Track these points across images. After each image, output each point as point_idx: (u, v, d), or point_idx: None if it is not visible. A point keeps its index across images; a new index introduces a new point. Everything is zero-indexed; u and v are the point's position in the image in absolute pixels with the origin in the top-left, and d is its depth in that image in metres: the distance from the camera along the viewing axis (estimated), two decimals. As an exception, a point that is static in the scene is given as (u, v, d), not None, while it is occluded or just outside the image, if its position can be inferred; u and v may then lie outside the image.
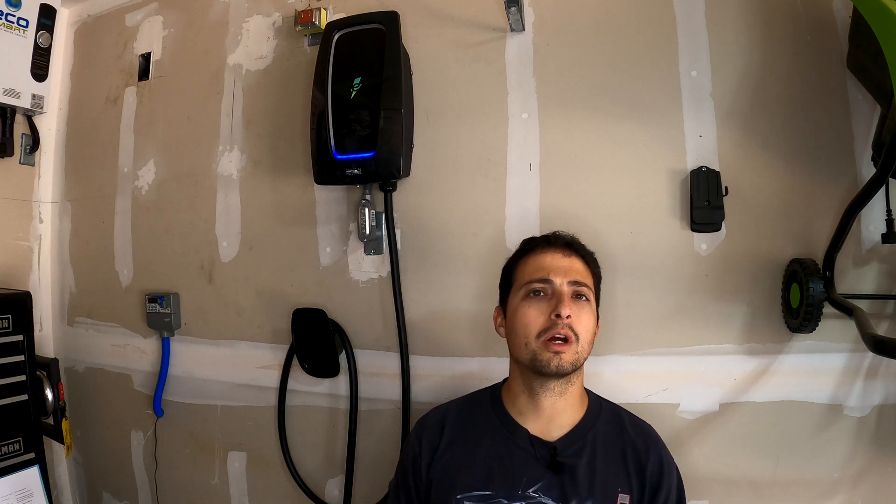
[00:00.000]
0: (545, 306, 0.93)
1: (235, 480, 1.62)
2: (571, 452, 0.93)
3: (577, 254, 0.99)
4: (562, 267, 0.95)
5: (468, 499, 0.93)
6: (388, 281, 1.40)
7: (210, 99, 1.67)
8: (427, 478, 1.00)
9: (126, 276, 1.79)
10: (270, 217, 1.57)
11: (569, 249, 0.99)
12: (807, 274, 1.07)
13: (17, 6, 1.68)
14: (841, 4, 1.17)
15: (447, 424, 1.03)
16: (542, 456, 0.93)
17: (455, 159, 1.38)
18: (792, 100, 1.19)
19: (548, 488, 0.91)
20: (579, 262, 0.98)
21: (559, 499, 0.90)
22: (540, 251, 0.99)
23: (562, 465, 0.92)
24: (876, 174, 0.92)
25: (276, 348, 1.55)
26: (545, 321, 0.92)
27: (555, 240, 1.00)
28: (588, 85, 1.30)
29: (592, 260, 1.01)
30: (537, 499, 0.90)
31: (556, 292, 0.93)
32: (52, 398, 1.48)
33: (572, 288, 0.94)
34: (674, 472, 0.95)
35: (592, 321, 0.95)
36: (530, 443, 0.95)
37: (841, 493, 1.16)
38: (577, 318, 0.92)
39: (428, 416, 1.07)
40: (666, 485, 0.93)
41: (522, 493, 0.91)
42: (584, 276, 0.96)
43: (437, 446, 1.01)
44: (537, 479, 0.92)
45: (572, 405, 0.98)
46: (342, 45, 1.36)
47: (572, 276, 0.94)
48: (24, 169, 1.88)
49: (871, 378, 1.15)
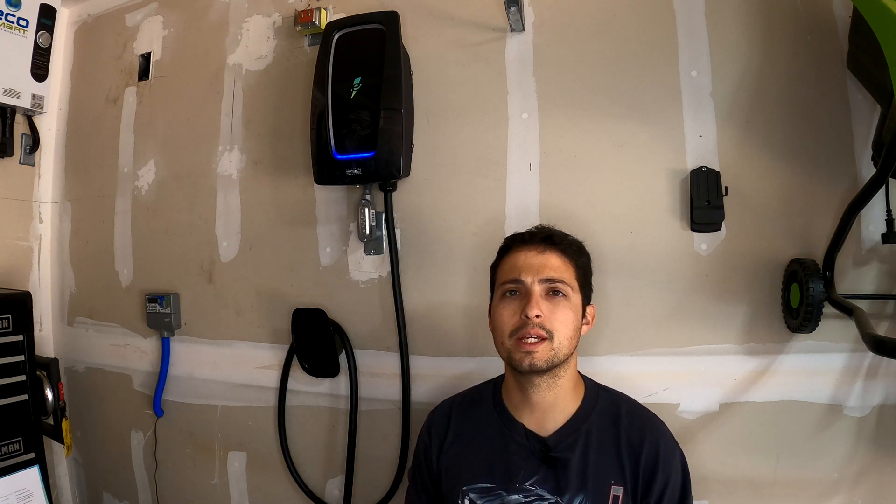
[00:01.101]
0: (517, 306, 0.94)
1: (235, 480, 1.62)
2: (564, 447, 0.95)
3: (555, 248, 0.97)
4: (534, 265, 0.95)
5: (473, 490, 0.97)
6: (388, 281, 1.40)
7: (210, 99, 1.67)
8: (437, 468, 1.05)
9: (126, 276, 1.79)
10: (270, 217, 1.57)
11: (544, 245, 0.98)
12: (807, 274, 1.07)
13: (17, 6, 1.68)
14: (841, 4, 1.17)
15: (452, 418, 1.08)
16: (536, 450, 0.96)
17: (455, 159, 1.38)
18: (792, 100, 1.19)
19: (543, 481, 0.94)
20: (556, 258, 0.96)
21: (554, 491, 0.93)
22: (515, 250, 1.00)
23: (555, 460, 0.94)
24: (876, 174, 0.92)
25: (275, 348, 1.55)
26: (517, 321, 0.93)
27: (529, 237, 1.00)
28: (588, 85, 1.30)
29: (574, 251, 1.00)
30: (534, 491, 0.94)
31: (527, 292, 0.94)
32: (52, 398, 1.49)
33: (544, 286, 0.94)
34: (673, 463, 0.94)
35: (570, 315, 0.94)
36: (526, 437, 0.98)
37: (841, 493, 1.16)
38: (551, 315, 0.93)
39: (436, 409, 1.12)
40: (662, 475, 0.92)
41: (520, 485, 0.95)
42: (559, 272, 0.95)
43: (443, 439, 1.06)
44: (533, 473, 0.95)
45: (564, 398, 0.99)
46: (342, 45, 1.36)
47: (545, 274, 0.94)
48: (24, 169, 1.88)
49: (871, 378, 1.15)
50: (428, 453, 1.07)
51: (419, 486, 1.10)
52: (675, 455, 0.95)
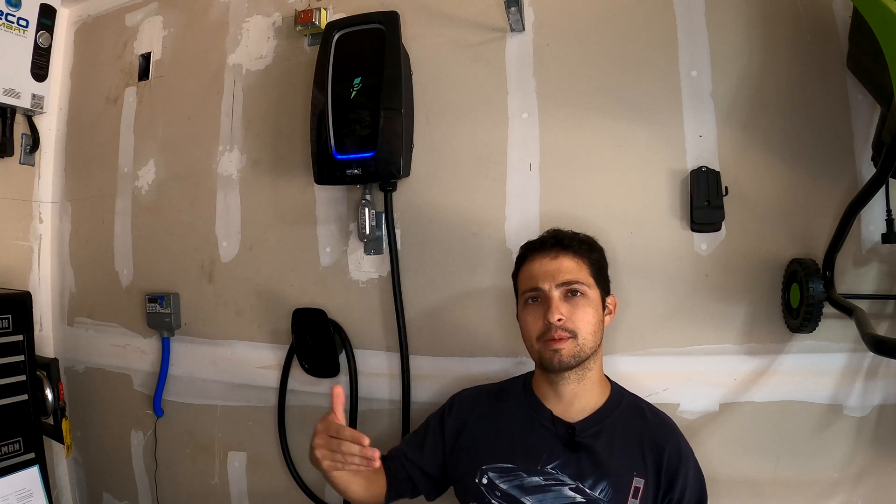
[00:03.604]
0: (540, 312, 0.99)
1: (235, 480, 1.62)
2: (590, 434, 0.99)
3: (567, 251, 1.02)
4: (549, 272, 1.00)
5: (492, 469, 1.00)
6: (388, 281, 1.40)
7: (210, 99, 1.67)
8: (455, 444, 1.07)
9: (126, 276, 1.79)
10: (270, 217, 1.57)
11: (556, 249, 1.02)
12: (807, 274, 1.07)
13: (17, 6, 1.68)
14: (841, 4, 1.17)
15: (479, 402, 1.12)
16: (561, 435, 0.99)
17: (455, 159, 1.38)
18: (792, 100, 1.19)
19: (564, 466, 0.97)
20: (569, 260, 1.01)
21: (575, 477, 0.95)
22: (530, 259, 1.05)
23: (579, 445, 0.98)
24: (876, 174, 0.91)
25: (275, 348, 1.55)
26: (542, 326, 0.98)
27: (541, 245, 1.04)
28: (588, 85, 1.30)
29: (586, 249, 1.04)
30: (555, 475, 0.96)
31: (546, 298, 0.99)
32: (52, 398, 1.48)
33: (562, 290, 0.99)
34: (691, 464, 0.99)
35: (590, 311, 0.99)
36: (552, 422, 1.01)
37: (841, 493, 1.16)
38: (572, 315, 0.98)
39: (461, 392, 1.16)
40: (683, 473, 0.96)
41: (541, 468, 0.97)
42: (574, 273, 1.00)
43: (466, 418, 1.09)
44: (556, 457, 0.98)
45: (591, 390, 1.03)
46: (342, 45, 1.36)
47: (560, 279, 0.99)
48: (24, 169, 1.88)
49: (871, 378, 1.15)
50: (443, 426, 1.10)
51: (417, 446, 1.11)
52: (692, 457, 1.00)
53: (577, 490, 0.94)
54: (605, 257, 1.09)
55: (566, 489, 0.95)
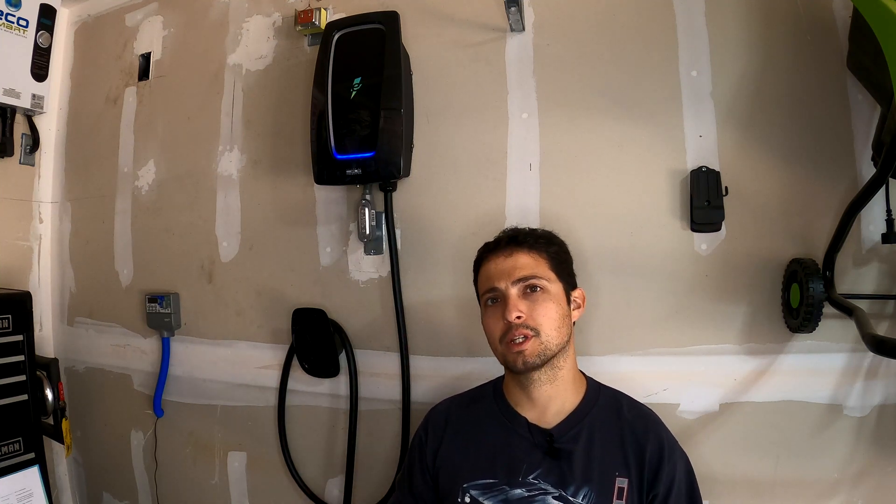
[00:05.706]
0: (499, 312, 0.96)
1: (235, 480, 1.62)
2: (568, 438, 0.96)
3: (522, 247, 0.99)
4: (504, 270, 0.97)
5: (474, 487, 0.97)
6: (388, 281, 1.40)
7: (210, 99, 1.67)
8: (433, 467, 1.04)
9: (126, 276, 1.79)
10: (270, 217, 1.57)
11: (511, 247, 0.99)
12: (807, 274, 1.07)
13: (17, 6, 1.68)
14: (841, 4, 1.17)
15: (451, 416, 1.08)
16: (540, 443, 0.96)
17: (455, 159, 1.38)
18: (792, 100, 1.19)
19: (546, 474, 0.94)
20: (524, 256, 0.98)
21: (558, 484, 0.93)
22: (486, 260, 1.02)
23: (559, 451, 0.95)
24: (876, 174, 0.91)
25: (275, 348, 1.55)
26: (503, 326, 0.95)
27: (496, 245, 1.02)
28: (588, 85, 1.30)
29: (543, 243, 1.01)
30: (537, 485, 0.93)
31: (504, 297, 0.96)
32: (52, 398, 1.48)
33: (519, 286, 0.96)
34: (676, 454, 0.95)
35: (552, 306, 0.95)
36: (529, 430, 0.98)
37: (841, 493, 1.16)
38: (532, 312, 0.94)
39: (434, 408, 1.12)
40: (668, 468, 0.93)
41: (523, 479, 0.94)
42: (530, 269, 0.96)
43: (441, 436, 1.05)
44: (537, 466, 0.95)
45: (566, 389, 1.00)
46: (342, 45, 1.36)
47: (516, 275, 0.96)
48: (24, 169, 1.88)
49: (871, 378, 1.15)
50: (423, 450, 1.06)
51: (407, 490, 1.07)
52: (677, 448, 0.97)
53: (561, 498, 0.92)
54: (567, 250, 1.05)
55: (550, 497, 0.92)
